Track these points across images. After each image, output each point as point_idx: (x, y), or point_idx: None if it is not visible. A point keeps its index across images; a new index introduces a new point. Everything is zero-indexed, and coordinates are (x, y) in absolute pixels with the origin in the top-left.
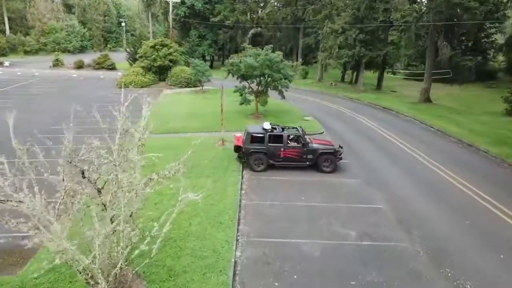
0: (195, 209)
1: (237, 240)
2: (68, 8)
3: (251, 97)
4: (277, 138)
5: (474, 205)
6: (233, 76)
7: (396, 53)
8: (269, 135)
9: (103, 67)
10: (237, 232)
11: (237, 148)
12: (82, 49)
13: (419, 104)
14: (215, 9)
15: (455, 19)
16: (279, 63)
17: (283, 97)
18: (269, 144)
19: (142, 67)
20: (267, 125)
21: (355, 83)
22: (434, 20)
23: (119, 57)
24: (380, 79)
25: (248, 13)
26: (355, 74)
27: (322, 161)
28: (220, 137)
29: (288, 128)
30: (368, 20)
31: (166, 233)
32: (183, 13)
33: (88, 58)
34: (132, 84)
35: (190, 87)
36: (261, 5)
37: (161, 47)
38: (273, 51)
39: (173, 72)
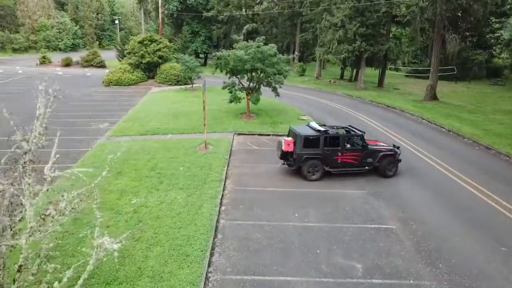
0: (156, 234)
1: (207, 279)
2: (61, 6)
3: (242, 95)
4: (334, 141)
5: (507, 224)
6: (221, 71)
7: (399, 48)
8: (324, 137)
9: (92, 65)
10: (209, 267)
11: (284, 155)
12: (74, 47)
13: (424, 102)
14: (208, 4)
15: (459, 13)
16: (273, 56)
17: (277, 94)
18: (325, 148)
19: (130, 64)
20: (315, 125)
21: (355, 80)
22: (441, 10)
23: (112, 55)
24: (381, 76)
25: (244, 8)
26: (355, 71)
27: (386, 164)
28: (203, 140)
29: (337, 127)
30: (370, 13)
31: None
32: (175, 8)
33: (78, 56)
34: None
35: (180, 84)
36: (257, 0)
37: (149, 42)
38: (266, 44)
39: (163, 69)
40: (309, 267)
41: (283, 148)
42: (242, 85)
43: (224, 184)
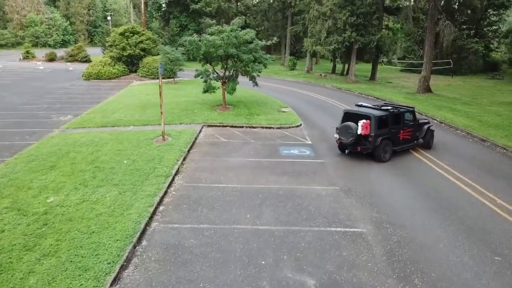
0: (58, 241)
1: None
2: (52, 1)
3: (218, 84)
4: (397, 118)
5: (503, 227)
6: (194, 59)
7: (391, 38)
8: (392, 115)
9: (76, 60)
10: (113, 285)
11: (358, 140)
12: (64, 44)
13: (417, 94)
14: None
15: (455, 5)
16: (250, 42)
17: (256, 84)
18: (391, 127)
19: (111, 56)
20: (367, 104)
21: (347, 74)
22: None
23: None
24: (373, 68)
25: (234, 1)
26: (347, 65)
27: (429, 137)
28: (164, 132)
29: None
30: (360, 0)
31: None
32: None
33: (63, 51)
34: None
35: (163, 78)
36: None
37: (131, 34)
38: (243, 28)
39: (145, 62)
40: (246, 284)
41: (359, 131)
42: (217, 73)
43: (172, 180)
